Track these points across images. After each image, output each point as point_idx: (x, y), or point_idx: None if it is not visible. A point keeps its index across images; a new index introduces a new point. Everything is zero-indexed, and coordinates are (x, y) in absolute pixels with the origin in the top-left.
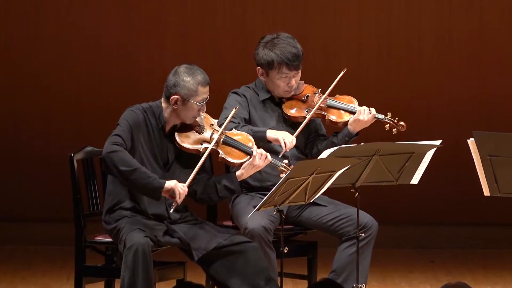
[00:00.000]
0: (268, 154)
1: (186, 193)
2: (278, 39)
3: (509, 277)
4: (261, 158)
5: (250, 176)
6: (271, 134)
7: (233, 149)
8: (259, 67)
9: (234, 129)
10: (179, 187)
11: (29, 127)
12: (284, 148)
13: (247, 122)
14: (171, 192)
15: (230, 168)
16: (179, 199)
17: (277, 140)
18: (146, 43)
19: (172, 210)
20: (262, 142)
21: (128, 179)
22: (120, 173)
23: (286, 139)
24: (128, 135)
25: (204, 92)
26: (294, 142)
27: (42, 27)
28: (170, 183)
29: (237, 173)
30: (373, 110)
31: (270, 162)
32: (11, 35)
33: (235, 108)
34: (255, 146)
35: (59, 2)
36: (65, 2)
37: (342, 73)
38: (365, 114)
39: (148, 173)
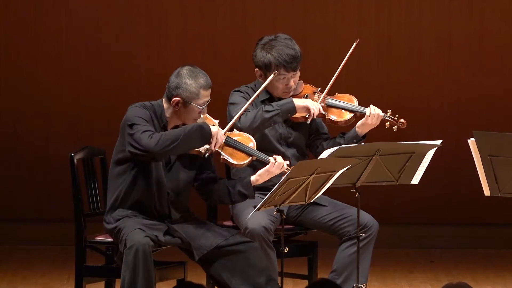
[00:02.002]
0: (285, 162)
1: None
2: (276, 40)
3: (509, 277)
4: (278, 166)
5: None
6: (299, 102)
7: (235, 151)
8: (257, 69)
9: (235, 129)
10: (219, 134)
11: (29, 127)
12: (312, 116)
13: None
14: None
15: (230, 169)
16: (215, 147)
17: (304, 108)
18: (146, 44)
19: (207, 155)
20: (291, 113)
21: (185, 147)
22: (177, 148)
23: (314, 105)
24: (151, 126)
25: (205, 96)
26: (321, 108)
27: (42, 27)
28: (214, 129)
29: (252, 178)
30: (379, 112)
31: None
32: (11, 35)
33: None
34: (278, 157)
35: (59, 2)
36: (65, 3)
37: (354, 44)
38: (374, 118)
39: (190, 127)
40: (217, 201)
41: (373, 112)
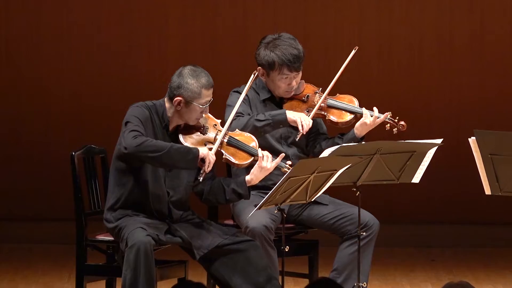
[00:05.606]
0: (270, 155)
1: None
2: (280, 40)
3: (510, 275)
4: (268, 160)
5: None
6: (290, 115)
7: (237, 150)
8: (260, 67)
9: (237, 129)
10: (210, 156)
11: (30, 126)
12: (301, 131)
13: None
14: (201, 160)
15: (232, 168)
16: (208, 168)
17: (295, 122)
18: (147, 43)
19: (202, 178)
20: (283, 125)
21: (165, 161)
22: (156, 160)
23: (304, 121)
24: (142, 128)
25: (207, 95)
26: (310, 124)
27: (42, 27)
28: (203, 151)
29: (247, 178)
30: (375, 111)
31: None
32: (12, 35)
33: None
34: (259, 149)
35: (59, 2)
36: (65, 2)
37: (353, 51)
38: (372, 118)
39: (179, 146)
40: (213, 200)
41: (371, 112)
